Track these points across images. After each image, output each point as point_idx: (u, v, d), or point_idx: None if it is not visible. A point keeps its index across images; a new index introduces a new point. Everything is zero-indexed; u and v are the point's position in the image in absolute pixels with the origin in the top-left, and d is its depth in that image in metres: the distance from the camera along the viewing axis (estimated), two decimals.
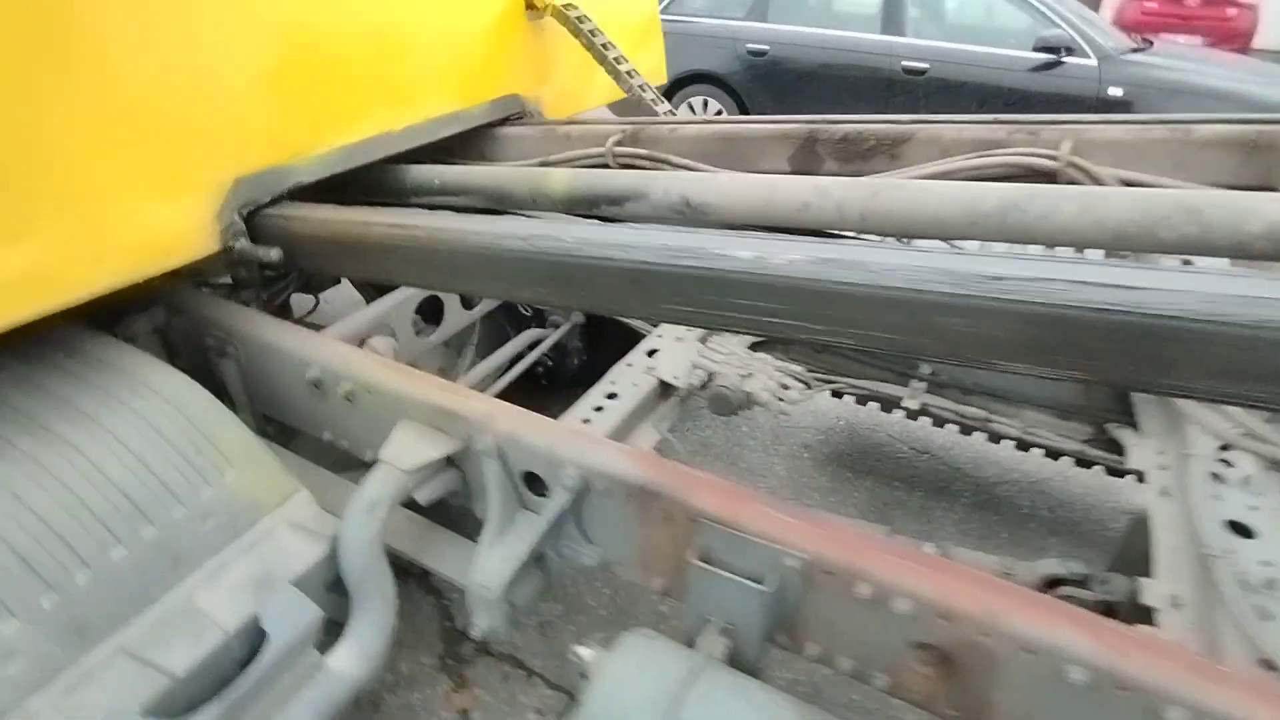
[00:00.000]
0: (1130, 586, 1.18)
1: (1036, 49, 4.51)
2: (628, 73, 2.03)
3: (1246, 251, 0.89)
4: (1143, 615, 1.08)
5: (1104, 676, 0.77)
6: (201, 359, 1.57)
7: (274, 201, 1.50)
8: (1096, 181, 1.19)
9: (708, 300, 0.87)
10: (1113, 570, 1.26)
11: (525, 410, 1.20)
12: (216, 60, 1.37)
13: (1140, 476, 1.34)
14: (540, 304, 1.06)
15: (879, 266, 0.77)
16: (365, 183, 1.71)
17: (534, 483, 1.18)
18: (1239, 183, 1.13)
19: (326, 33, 1.57)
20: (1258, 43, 10.03)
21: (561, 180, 1.36)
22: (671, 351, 1.43)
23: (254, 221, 1.48)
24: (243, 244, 1.45)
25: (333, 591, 1.17)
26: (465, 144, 1.94)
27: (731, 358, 1.39)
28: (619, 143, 1.64)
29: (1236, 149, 1.15)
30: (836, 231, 1.17)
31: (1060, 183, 1.23)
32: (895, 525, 2.12)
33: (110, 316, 1.44)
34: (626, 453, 1.09)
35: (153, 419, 1.16)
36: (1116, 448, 1.45)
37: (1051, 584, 1.26)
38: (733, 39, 5.43)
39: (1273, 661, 0.95)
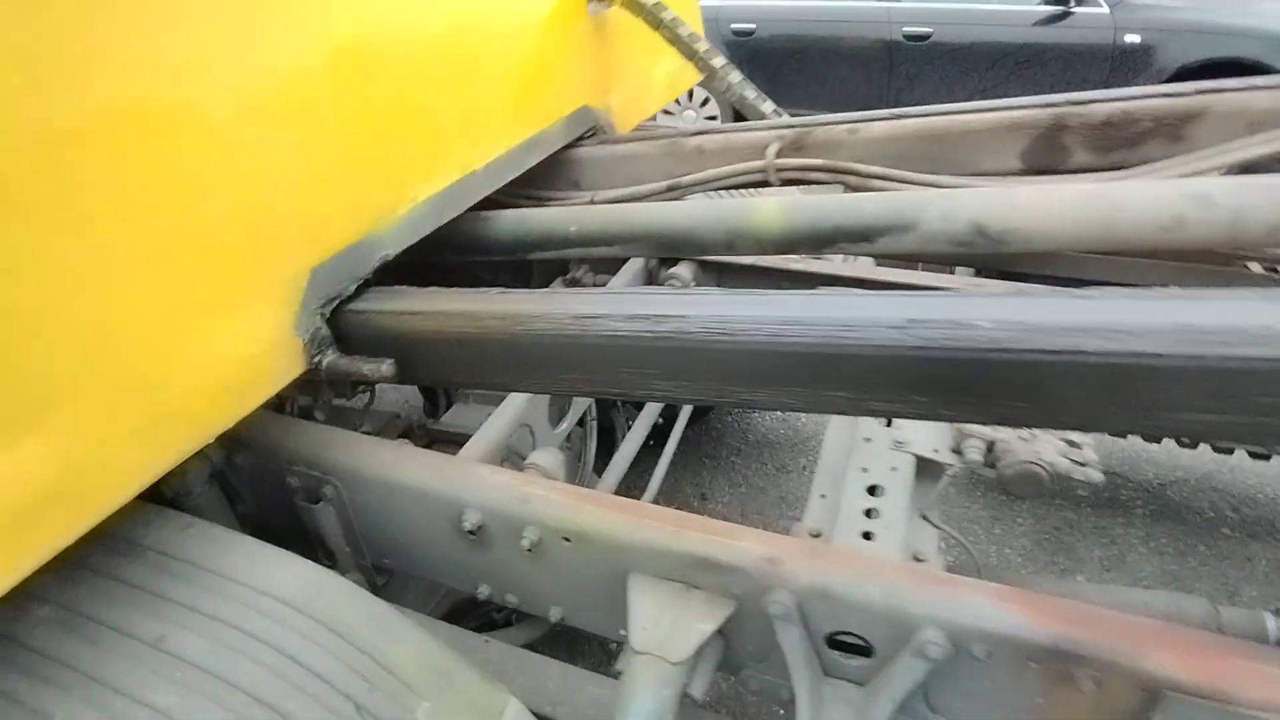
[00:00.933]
0: None
1: (1046, 1, 4.32)
2: (721, 68, 1.68)
3: None
4: None
5: None
6: (273, 501, 1.17)
7: (359, 291, 1.11)
8: None
9: (1266, 405, 0.55)
10: None
11: (815, 543, 0.87)
12: (263, 117, 0.96)
13: None
14: (904, 416, 0.72)
15: None
16: (454, 242, 1.32)
17: (838, 636, 0.86)
18: None
19: (387, 61, 1.17)
20: None
21: (774, 213, 1.01)
22: None
23: (338, 323, 1.09)
24: (333, 358, 1.06)
25: None
26: (549, 175, 1.57)
27: None
28: (780, 153, 1.30)
29: None
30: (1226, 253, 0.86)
31: None
32: (1079, 552, 1.86)
33: None
34: (1011, 598, 0.77)
35: (295, 653, 0.77)
36: None
37: None
38: (714, 20, 5.06)
39: None
